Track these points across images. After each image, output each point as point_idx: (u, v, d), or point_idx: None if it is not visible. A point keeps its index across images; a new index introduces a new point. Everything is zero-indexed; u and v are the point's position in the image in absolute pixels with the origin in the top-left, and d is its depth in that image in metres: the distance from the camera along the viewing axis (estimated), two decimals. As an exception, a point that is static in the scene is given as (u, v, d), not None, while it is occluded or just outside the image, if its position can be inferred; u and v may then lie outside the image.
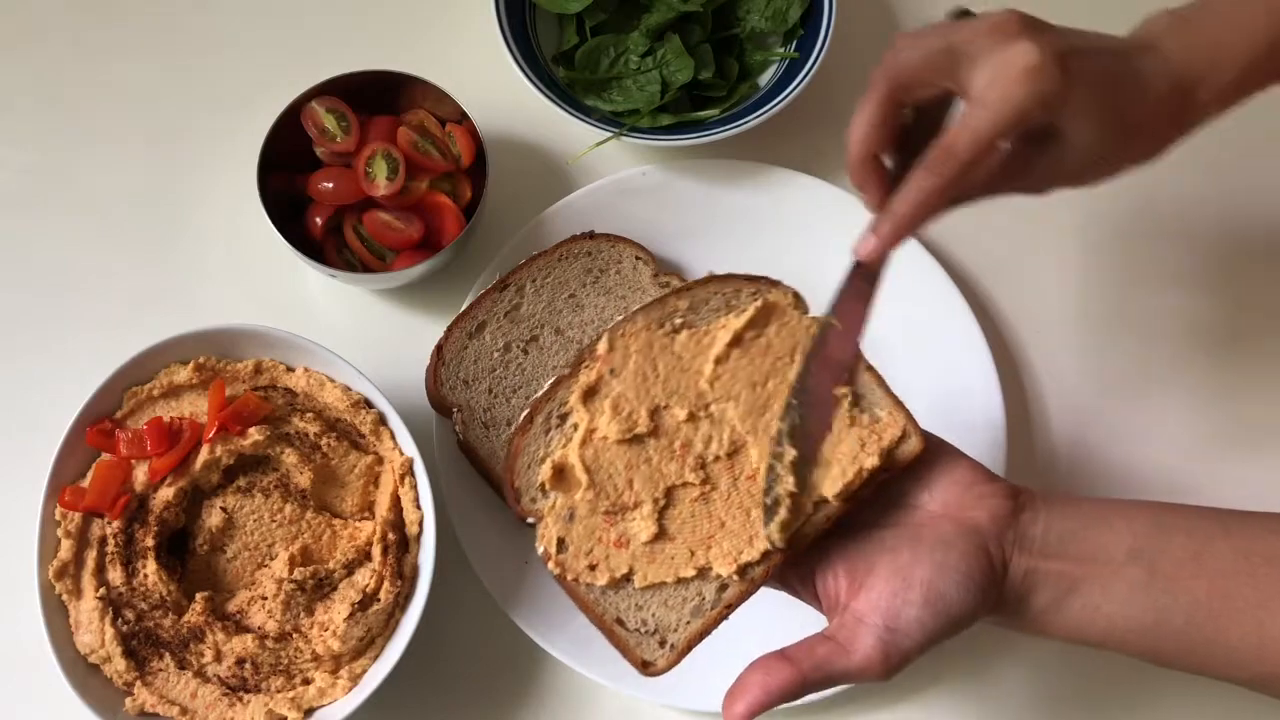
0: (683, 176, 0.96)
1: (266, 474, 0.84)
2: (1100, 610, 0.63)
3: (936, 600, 0.61)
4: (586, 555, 0.65)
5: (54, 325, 0.96)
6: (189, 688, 0.80)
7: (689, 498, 0.65)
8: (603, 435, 0.65)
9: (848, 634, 0.62)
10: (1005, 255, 0.98)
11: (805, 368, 0.66)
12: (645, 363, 0.66)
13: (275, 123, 0.90)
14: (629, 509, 0.65)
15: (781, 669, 0.62)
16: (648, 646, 0.65)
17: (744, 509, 0.65)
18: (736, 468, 0.65)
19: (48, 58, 1.03)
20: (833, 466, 0.64)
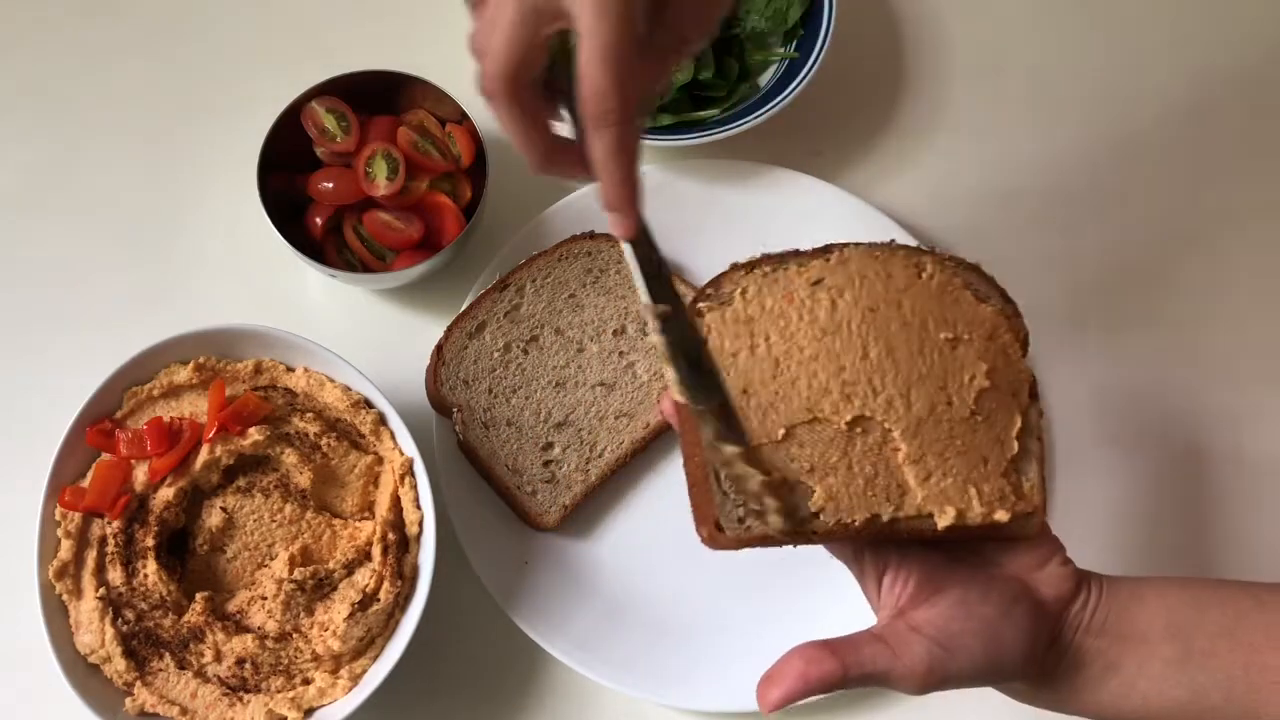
0: (683, 176, 0.96)
1: (266, 474, 0.84)
2: (1135, 688, 0.64)
3: (993, 639, 0.62)
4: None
5: (54, 325, 0.96)
6: (189, 688, 0.80)
7: (833, 430, 0.63)
8: (789, 325, 0.63)
9: (899, 639, 0.62)
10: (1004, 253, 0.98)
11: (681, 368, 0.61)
12: (879, 296, 0.65)
13: (275, 123, 0.90)
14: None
15: (824, 660, 0.61)
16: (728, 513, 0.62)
17: (874, 475, 0.63)
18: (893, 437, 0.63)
19: (48, 58, 1.03)
20: (969, 493, 0.63)
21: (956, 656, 0.61)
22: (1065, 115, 1.03)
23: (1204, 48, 1.05)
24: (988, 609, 0.62)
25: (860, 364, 0.63)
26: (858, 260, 0.65)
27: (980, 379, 0.64)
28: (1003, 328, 0.66)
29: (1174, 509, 0.93)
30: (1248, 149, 1.02)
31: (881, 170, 1.00)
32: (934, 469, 0.63)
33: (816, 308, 0.64)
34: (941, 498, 0.62)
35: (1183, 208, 1.00)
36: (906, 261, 0.66)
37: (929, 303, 0.65)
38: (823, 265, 0.65)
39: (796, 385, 0.63)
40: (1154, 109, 1.03)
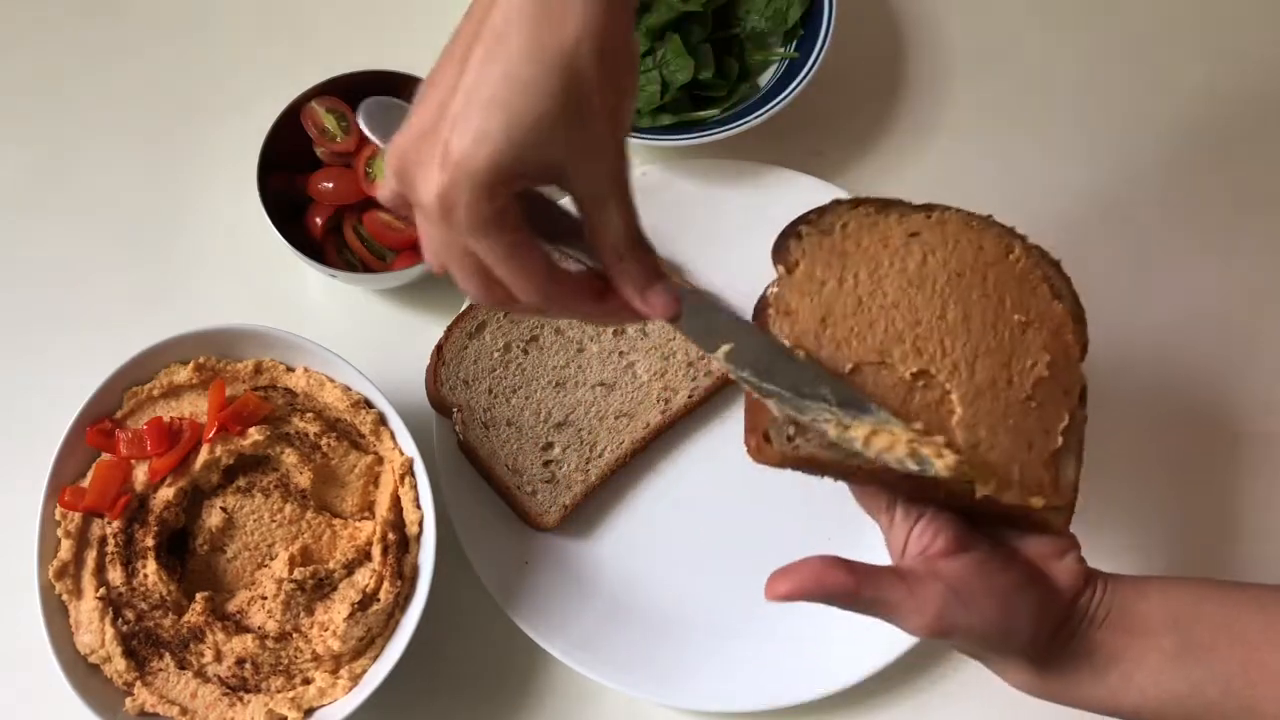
0: (683, 176, 0.96)
1: (266, 474, 0.84)
2: (1134, 680, 0.64)
3: (1007, 604, 0.63)
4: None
5: (54, 325, 0.96)
6: (189, 688, 0.80)
7: (897, 377, 0.64)
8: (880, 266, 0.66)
9: (917, 579, 0.63)
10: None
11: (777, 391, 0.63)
12: (971, 264, 0.67)
13: (275, 123, 0.90)
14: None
15: (840, 571, 0.61)
16: (779, 429, 0.63)
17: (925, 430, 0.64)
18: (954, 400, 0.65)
19: (48, 58, 1.03)
20: (1012, 470, 0.64)
21: (970, 609, 0.62)
22: (1065, 115, 1.03)
23: (1205, 46, 1.05)
24: (1007, 578, 0.63)
25: (936, 322, 0.66)
26: (955, 224, 0.68)
27: (1041, 367, 0.66)
28: (1069, 328, 0.67)
29: (1200, 504, 0.93)
30: (1256, 144, 1.02)
31: (881, 170, 1.00)
32: (983, 439, 0.64)
33: (908, 258, 0.66)
34: (987, 470, 0.64)
35: (1187, 204, 1.00)
36: (999, 239, 0.68)
37: (1010, 283, 0.67)
38: (922, 220, 0.67)
39: (874, 327, 0.65)
40: (1155, 107, 1.03)
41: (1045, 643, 0.65)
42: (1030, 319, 0.67)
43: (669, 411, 0.90)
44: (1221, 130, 1.03)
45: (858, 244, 0.67)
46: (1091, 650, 0.65)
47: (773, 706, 0.85)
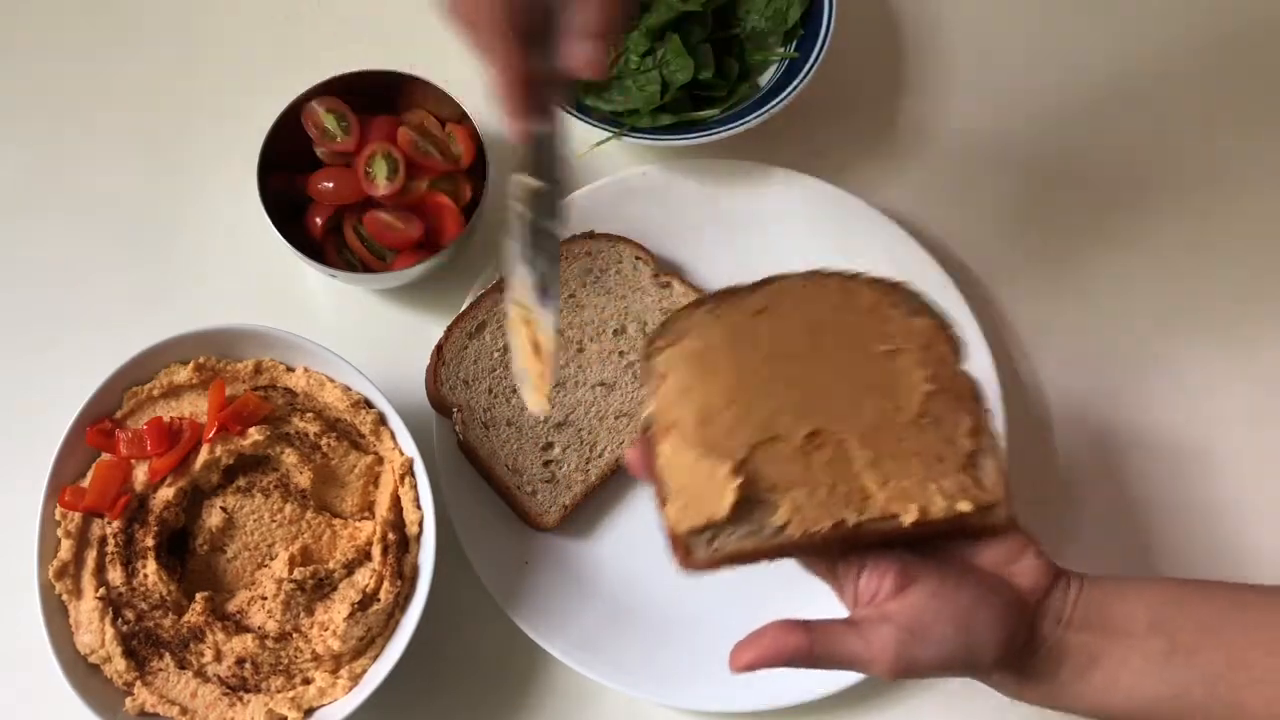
0: (683, 176, 0.96)
1: (266, 474, 0.84)
2: (1119, 682, 0.64)
3: (966, 628, 0.63)
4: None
5: (54, 325, 0.96)
6: (189, 688, 0.80)
7: (794, 445, 0.65)
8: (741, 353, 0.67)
9: (870, 625, 0.63)
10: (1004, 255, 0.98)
11: (530, 232, 0.69)
12: (822, 319, 0.68)
13: (275, 123, 0.90)
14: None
15: (795, 633, 0.63)
16: (697, 537, 0.65)
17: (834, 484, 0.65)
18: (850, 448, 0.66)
19: (48, 58, 1.03)
20: (930, 489, 0.65)
21: (926, 643, 0.62)
22: (1066, 115, 1.03)
23: (1207, 46, 1.05)
24: (961, 598, 0.63)
25: (809, 382, 0.67)
26: (793, 288, 0.69)
27: (922, 384, 0.67)
28: (938, 338, 0.68)
29: (1174, 512, 0.93)
30: (1255, 149, 1.02)
31: (881, 170, 1.00)
32: (891, 472, 0.65)
33: (761, 336, 0.67)
34: (903, 497, 0.64)
35: (1187, 207, 1.00)
36: (839, 284, 0.69)
37: (864, 320, 0.68)
38: (761, 297, 0.68)
39: (753, 409, 0.66)
40: (1156, 108, 1.03)
41: (1020, 651, 0.65)
42: (895, 345, 0.67)
43: (669, 411, 0.90)
44: (1228, 137, 1.03)
45: (710, 341, 0.67)
46: (1071, 652, 0.65)
47: (773, 706, 0.85)
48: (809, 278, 0.69)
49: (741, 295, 0.68)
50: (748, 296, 0.68)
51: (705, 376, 0.66)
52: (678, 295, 0.93)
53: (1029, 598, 0.65)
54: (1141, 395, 0.95)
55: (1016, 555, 0.66)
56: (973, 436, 0.66)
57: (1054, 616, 0.65)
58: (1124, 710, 0.65)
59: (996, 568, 0.66)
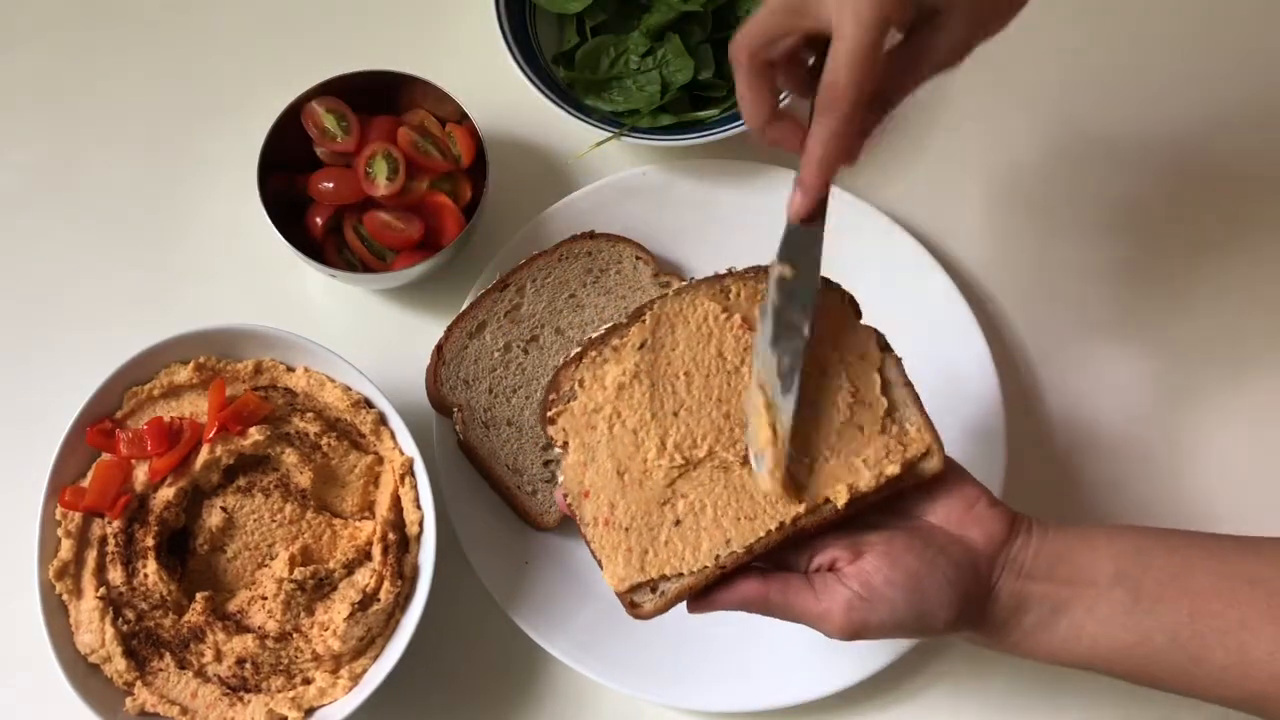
0: (683, 176, 0.96)
1: (266, 474, 0.84)
2: (1084, 630, 0.65)
3: (915, 590, 0.64)
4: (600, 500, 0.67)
5: (54, 325, 0.96)
6: (189, 688, 0.80)
7: (710, 466, 0.67)
8: (635, 393, 0.68)
9: (824, 585, 0.65)
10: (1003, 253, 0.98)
11: (777, 322, 0.68)
12: (699, 334, 0.69)
13: (275, 123, 0.90)
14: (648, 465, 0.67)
15: (753, 581, 0.66)
16: (640, 590, 0.67)
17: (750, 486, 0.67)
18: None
19: (48, 58, 1.03)
20: (855, 463, 0.66)
21: (877, 607, 0.64)
22: (1066, 115, 1.03)
23: (1208, 46, 1.05)
24: (910, 559, 0.65)
25: (708, 398, 0.68)
26: (668, 309, 0.69)
27: (821, 357, 0.68)
28: (829, 305, 0.69)
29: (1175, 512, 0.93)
30: (1256, 147, 1.02)
31: (881, 170, 1.00)
32: (814, 458, 0.67)
33: (647, 369, 0.68)
34: (831, 479, 0.66)
35: (1186, 206, 1.00)
36: (710, 290, 0.70)
37: (749, 315, 0.69)
38: (639, 329, 0.69)
39: (664, 442, 0.67)
40: (1158, 108, 1.03)
41: (980, 606, 0.65)
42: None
43: (669, 411, 0.90)
44: (1228, 133, 1.03)
45: (602, 388, 0.68)
46: (1034, 602, 0.66)
47: (773, 706, 0.85)
48: (680, 292, 0.70)
49: (620, 333, 0.69)
50: (625, 332, 0.69)
51: (608, 427, 0.67)
52: (678, 295, 0.93)
53: (985, 550, 0.65)
54: (1142, 394, 0.95)
55: (969, 506, 0.67)
56: (886, 391, 0.68)
57: (1014, 568, 0.66)
58: (1087, 659, 0.66)
59: (949, 524, 0.67)
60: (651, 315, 0.69)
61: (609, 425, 0.68)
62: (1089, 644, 0.65)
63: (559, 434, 0.68)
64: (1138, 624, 0.65)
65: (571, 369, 0.69)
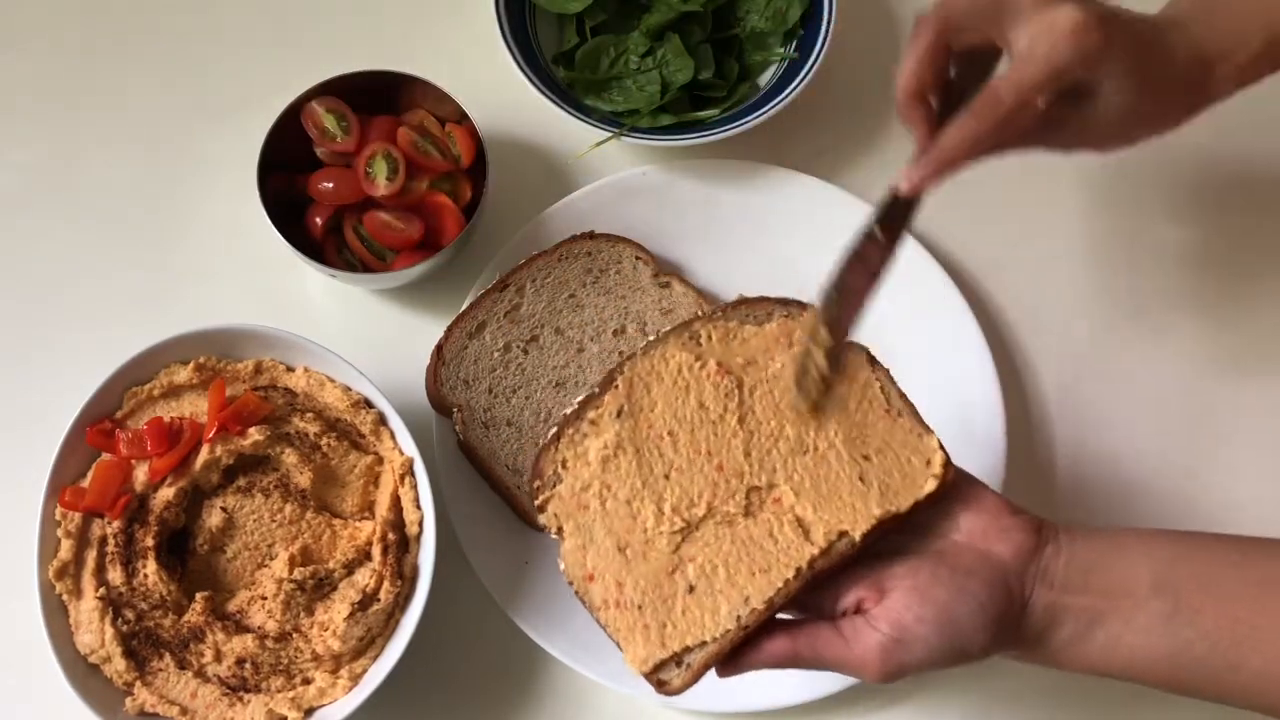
0: (683, 176, 0.96)
1: (266, 474, 0.84)
2: (1122, 642, 0.64)
3: (948, 624, 0.63)
4: (606, 580, 0.66)
5: (54, 325, 0.96)
6: (189, 688, 0.80)
7: (713, 523, 0.66)
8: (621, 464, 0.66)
9: (854, 631, 0.63)
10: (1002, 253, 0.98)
11: (845, 266, 0.68)
12: (676, 388, 0.67)
13: (275, 123, 0.90)
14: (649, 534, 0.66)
15: (780, 639, 0.65)
16: (665, 667, 0.65)
17: (771, 535, 0.65)
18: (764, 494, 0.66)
19: (48, 58, 1.03)
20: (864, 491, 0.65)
21: (912, 647, 0.62)
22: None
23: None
24: (939, 591, 0.63)
25: (697, 453, 0.66)
26: (640, 370, 0.68)
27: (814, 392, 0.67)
28: (800, 328, 0.68)
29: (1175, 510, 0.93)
30: (1258, 146, 1.02)
31: (882, 170, 1.00)
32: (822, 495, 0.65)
33: (629, 436, 0.67)
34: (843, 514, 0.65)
35: (1187, 204, 1.00)
36: (679, 340, 0.69)
37: (725, 358, 0.68)
38: (614, 396, 0.68)
39: (661, 508, 0.65)
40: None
41: (1014, 623, 0.64)
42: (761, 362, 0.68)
43: (669, 411, 0.90)
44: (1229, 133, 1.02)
45: (585, 468, 0.67)
46: (1071, 615, 0.64)
47: (773, 706, 0.85)
48: (649, 350, 0.68)
49: (594, 404, 0.68)
50: (599, 401, 0.68)
51: (601, 503, 0.66)
52: (678, 295, 0.93)
53: (1014, 564, 0.64)
54: (1141, 393, 0.95)
55: (991, 520, 0.66)
56: (888, 409, 0.67)
57: (1046, 580, 0.65)
58: (1124, 669, 0.65)
59: (974, 539, 0.65)
60: (624, 379, 0.68)
61: (601, 502, 0.66)
62: (1127, 655, 0.64)
63: (551, 520, 0.66)
64: (1177, 634, 0.64)
65: (551, 451, 0.67)
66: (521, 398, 0.90)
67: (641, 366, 0.68)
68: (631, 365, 0.68)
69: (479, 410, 0.89)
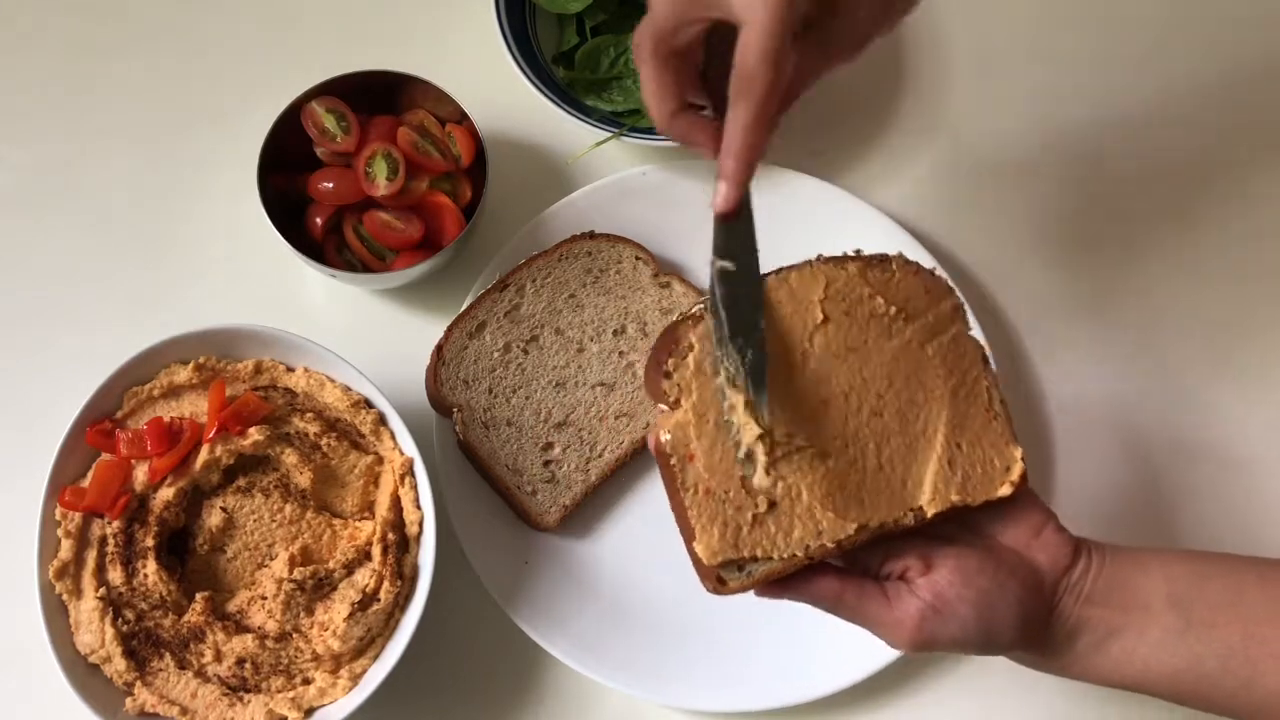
0: (683, 176, 0.96)
1: (266, 474, 0.84)
2: (1136, 654, 0.65)
3: (987, 608, 0.64)
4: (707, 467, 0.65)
5: (54, 325, 0.96)
6: (189, 688, 0.80)
7: (810, 453, 0.65)
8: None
9: (897, 594, 0.65)
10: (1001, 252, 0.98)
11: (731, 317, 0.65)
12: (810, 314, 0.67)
13: (275, 123, 0.90)
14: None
15: (830, 578, 0.65)
16: (729, 567, 0.64)
17: (857, 484, 0.66)
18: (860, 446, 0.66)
19: (48, 58, 1.03)
20: (949, 477, 0.66)
21: (948, 621, 0.64)
22: (1066, 115, 1.03)
23: (1207, 45, 1.05)
24: (983, 579, 0.64)
25: (820, 381, 0.66)
26: (791, 281, 0.67)
27: (939, 368, 0.67)
28: (943, 310, 0.68)
29: (1175, 509, 0.93)
30: (1257, 145, 1.02)
31: (881, 170, 1.00)
32: (913, 464, 0.66)
33: (769, 339, 0.66)
34: (924, 489, 0.66)
35: (1186, 205, 1.00)
36: (833, 273, 0.68)
37: (865, 306, 0.67)
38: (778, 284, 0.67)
39: (769, 419, 0.64)
40: (1157, 107, 1.03)
41: (1039, 628, 0.65)
42: (905, 332, 0.67)
43: (669, 411, 0.90)
44: (1229, 132, 1.03)
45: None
46: (1092, 626, 0.66)
47: (773, 706, 0.85)
48: (803, 269, 0.68)
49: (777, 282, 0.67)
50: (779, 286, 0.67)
51: (711, 406, 0.65)
52: (678, 295, 0.93)
53: (1049, 574, 0.65)
54: (1141, 392, 0.95)
55: (1036, 530, 0.67)
56: (989, 409, 0.67)
57: (1074, 593, 0.66)
58: (1137, 682, 0.66)
59: (1017, 544, 0.66)
60: (775, 280, 0.67)
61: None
62: (1140, 667, 0.65)
63: (672, 389, 0.65)
64: (1189, 649, 0.65)
65: (690, 324, 0.66)
66: (521, 398, 0.90)
67: (791, 277, 0.67)
68: (785, 271, 0.67)
69: (479, 410, 0.89)
